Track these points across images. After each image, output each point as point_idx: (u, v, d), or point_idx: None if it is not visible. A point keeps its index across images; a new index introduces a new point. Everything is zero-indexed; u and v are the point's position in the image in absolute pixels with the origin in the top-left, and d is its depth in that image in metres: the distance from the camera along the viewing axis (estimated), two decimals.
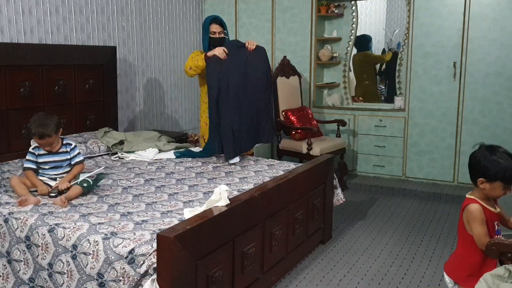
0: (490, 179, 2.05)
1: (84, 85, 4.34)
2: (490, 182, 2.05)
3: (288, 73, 5.38)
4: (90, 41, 4.54)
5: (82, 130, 4.30)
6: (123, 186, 3.13)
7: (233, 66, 3.91)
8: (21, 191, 2.80)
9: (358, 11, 5.55)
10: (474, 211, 2.06)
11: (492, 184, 2.05)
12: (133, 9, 5.03)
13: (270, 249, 2.88)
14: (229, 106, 3.85)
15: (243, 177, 3.40)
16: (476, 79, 4.84)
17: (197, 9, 6.00)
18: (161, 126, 5.56)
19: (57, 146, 3.00)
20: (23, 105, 3.80)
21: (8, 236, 2.56)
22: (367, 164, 5.47)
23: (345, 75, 5.67)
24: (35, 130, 2.87)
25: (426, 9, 4.97)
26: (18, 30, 3.89)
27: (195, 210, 2.50)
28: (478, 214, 2.05)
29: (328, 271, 3.24)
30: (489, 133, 4.83)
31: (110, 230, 2.33)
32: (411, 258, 3.46)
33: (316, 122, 5.26)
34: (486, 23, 4.73)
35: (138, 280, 2.11)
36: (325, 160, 3.63)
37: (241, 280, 2.60)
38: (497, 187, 2.05)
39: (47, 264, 2.40)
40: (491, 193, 2.07)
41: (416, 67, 5.10)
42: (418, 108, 5.13)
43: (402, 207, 4.66)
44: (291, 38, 5.67)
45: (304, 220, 3.31)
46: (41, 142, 2.90)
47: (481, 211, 2.06)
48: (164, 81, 5.57)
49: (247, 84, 3.95)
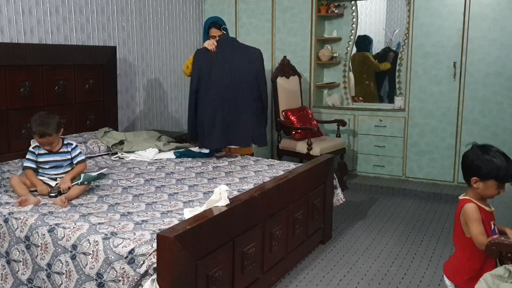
0: (484, 178, 2.05)
1: (84, 85, 4.34)
2: (484, 181, 2.05)
3: (288, 73, 5.38)
4: (90, 41, 4.54)
5: (82, 130, 4.29)
6: (123, 186, 3.13)
7: (220, 60, 3.92)
8: (21, 191, 2.80)
9: (358, 11, 5.55)
10: (470, 211, 2.06)
11: (485, 183, 2.05)
12: (133, 9, 5.03)
13: (270, 249, 2.88)
14: (206, 98, 3.89)
15: (243, 177, 3.40)
16: (476, 79, 4.84)
17: (197, 9, 6.00)
18: (161, 126, 5.56)
19: (57, 146, 2.99)
20: (23, 105, 3.80)
21: (7, 236, 2.56)
22: (367, 164, 5.47)
23: (345, 75, 5.67)
24: (35, 129, 2.87)
25: (426, 9, 4.97)
26: (18, 30, 3.89)
27: (195, 210, 2.50)
28: (475, 213, 2.05)
29: (328, 271, 3.24)
30: (489, 133, 4.83)
31: (110, 230, 2.33)
32: (411, 258, 3.46)
33: (316, 122, 5.26)
34: (486, 23, 4.73)
35: (138, 280, 2.11)
36: (325, 160, 3.63)
37: (241, 280, 2.60)
38: (490, 186, 2.05)
39: (46, 265, 2.40)
40: (485, 192, 2.07)
41: (416, 67, 5.10)
42: (418, 108, 5.13)
43: (402, 207, 4.66)
44: (291, 38, 5.67)
45: (304, 220, 3.31)
46: (42, 141, 2.90)
47: (477, 210, 2.06)
48: (164, 81, 5.57)
49: (231, 80, 3.93)
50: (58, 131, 2.94)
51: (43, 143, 2.92)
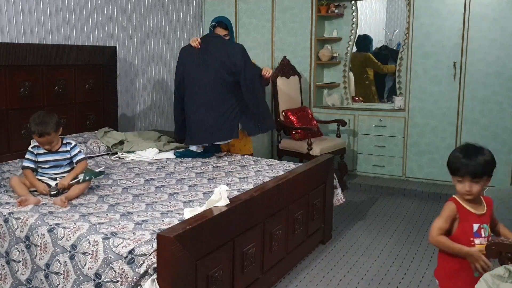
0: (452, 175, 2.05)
1: (84, 85, 4.34)
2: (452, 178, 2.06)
3: (288, 73, 5.38)
4: (90, 41, 4.54)
5: (82, 130, 4.29)
6: (123, 186, 3.13)
7: (202, 56, 3.95)
8: (21, 191, 2.80)
9: (358, 11, 5.54)
10: (444, 207, 2.05)
11: (453, 180, 2.05)
12: (133, 9, 5.03)
13: (270, 249, 2.88)
14: (189, 95, 3.97)
15: (243, 177, 3.40)
16: (476, 79, 4.84)
17: (197, 9, 6.00)
18: (161, 126, 5.56)
19: (56, 145, 2.99)
20: (23, 105, 3.80)
21: (7, 236, 2.56)
22: (367, 164, 5.47)
23: (345, 75, 5.67)
24: (34, 128, 2.86)
25: (426, 9, 4.97)
26: (18, 30, 3.88)
27: (195, 210, 2.50)
28: (446, 210, 2.04)
29: (328, 271, 3.24)
30: (489, 133, 4.82)
31: (110, 230, 2.33)
32: (411, 258, 3.46)
33: (316, 122, 5.26)
34: (486, 23, 4.73)
35: (137, 281, 2.11)
36: (325, 160, 3.63)
37: (241, 280, 2.60)
38: (455, 181, 2.04)
39: (44, 265, 2.39)
40: (458, 190, 2.04)
41: (416, 67, 5.10)
42: (418, 108, 5.13)
43: (402, 207, 4.66)
44: (291, 38, 5.67)
45: (304, 220, 3.32)
46: (41, 140, 2.90)
47: (452, 209, 2.03)
48: (164, 81, 5.57)
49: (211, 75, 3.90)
50: (57, 130, 2.93)
51: (42, 143, 2.92)
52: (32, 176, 2.93)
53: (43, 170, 3.00)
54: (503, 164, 4.78)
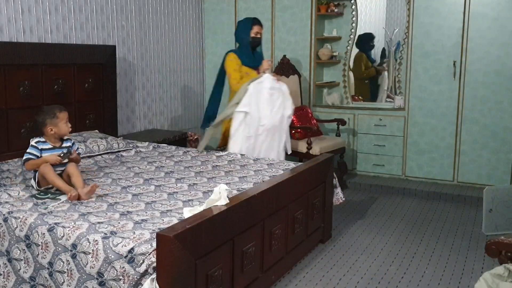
0: None
1: (83, 84, 4.34)
2: None
3: (288, 72, 5.37)
4: (90, 40, 4.54)
5: (82, 129, 4.29)
6: (122, 186, 3.13)
7: None
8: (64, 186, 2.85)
9: (358, 10, 5.54)
10: None
11: None
12: (132, 8, 5.02)
13: (269, 248, 2.88)
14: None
15: (242, 176, 3.40)
16: (476, 78, 4.84)
17: (196, 8, 5.99)
18: (161, 125, 5.56)
19: (59, 142, 3.04)
20: (23, 104, 3.80)
21: (7, 235, 2.56)
22: (366, 163, 5.47)
23: (344, 74, 5.67)
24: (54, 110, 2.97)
25: (426, 8, 4.97)
26: (17, 29, 3.88)
27: (194, 209, 2.49)
28: None
29: (328, 270, 3.24)
30: (489, 132, 4.83)
31: (110, 229, 2.33)
32: (411, 258, 3.46)
33: (315, 121, 5.26)
34: (486, 22, 4.73)
35: (138, 279, 2.11)
36: (324, 159, 3.63)
37: (241, 279, 2.60)
38: None
39: (47, 263, 2.40)
40: None
41: (416, 66, 5.10)
42: (418, 107, 5.13)
43: (401, 206, 4.66)
44: (290, 37, 5.66)
45: (303, 219, 3.31)
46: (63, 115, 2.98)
47: None
48: (164, 81, 5.57)
49: None
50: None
51: (65, 119, 2.99)
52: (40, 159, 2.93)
53: None
54: (503, 164, 4.78)
